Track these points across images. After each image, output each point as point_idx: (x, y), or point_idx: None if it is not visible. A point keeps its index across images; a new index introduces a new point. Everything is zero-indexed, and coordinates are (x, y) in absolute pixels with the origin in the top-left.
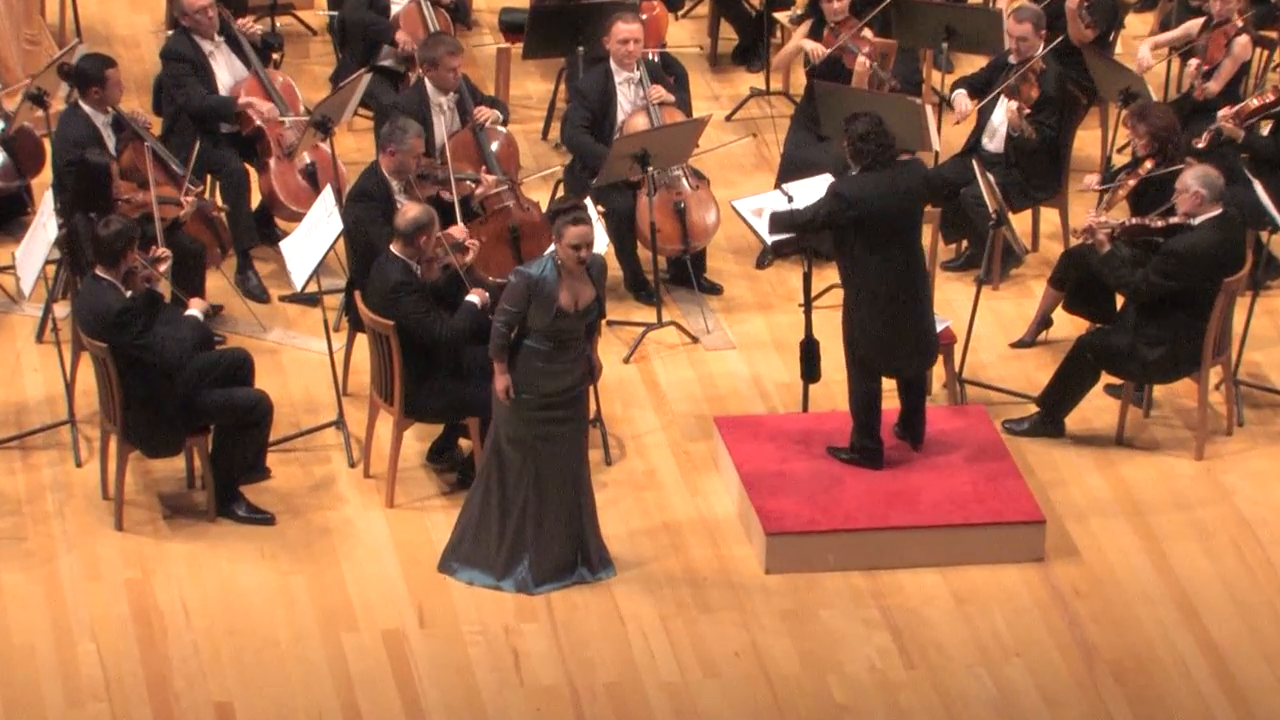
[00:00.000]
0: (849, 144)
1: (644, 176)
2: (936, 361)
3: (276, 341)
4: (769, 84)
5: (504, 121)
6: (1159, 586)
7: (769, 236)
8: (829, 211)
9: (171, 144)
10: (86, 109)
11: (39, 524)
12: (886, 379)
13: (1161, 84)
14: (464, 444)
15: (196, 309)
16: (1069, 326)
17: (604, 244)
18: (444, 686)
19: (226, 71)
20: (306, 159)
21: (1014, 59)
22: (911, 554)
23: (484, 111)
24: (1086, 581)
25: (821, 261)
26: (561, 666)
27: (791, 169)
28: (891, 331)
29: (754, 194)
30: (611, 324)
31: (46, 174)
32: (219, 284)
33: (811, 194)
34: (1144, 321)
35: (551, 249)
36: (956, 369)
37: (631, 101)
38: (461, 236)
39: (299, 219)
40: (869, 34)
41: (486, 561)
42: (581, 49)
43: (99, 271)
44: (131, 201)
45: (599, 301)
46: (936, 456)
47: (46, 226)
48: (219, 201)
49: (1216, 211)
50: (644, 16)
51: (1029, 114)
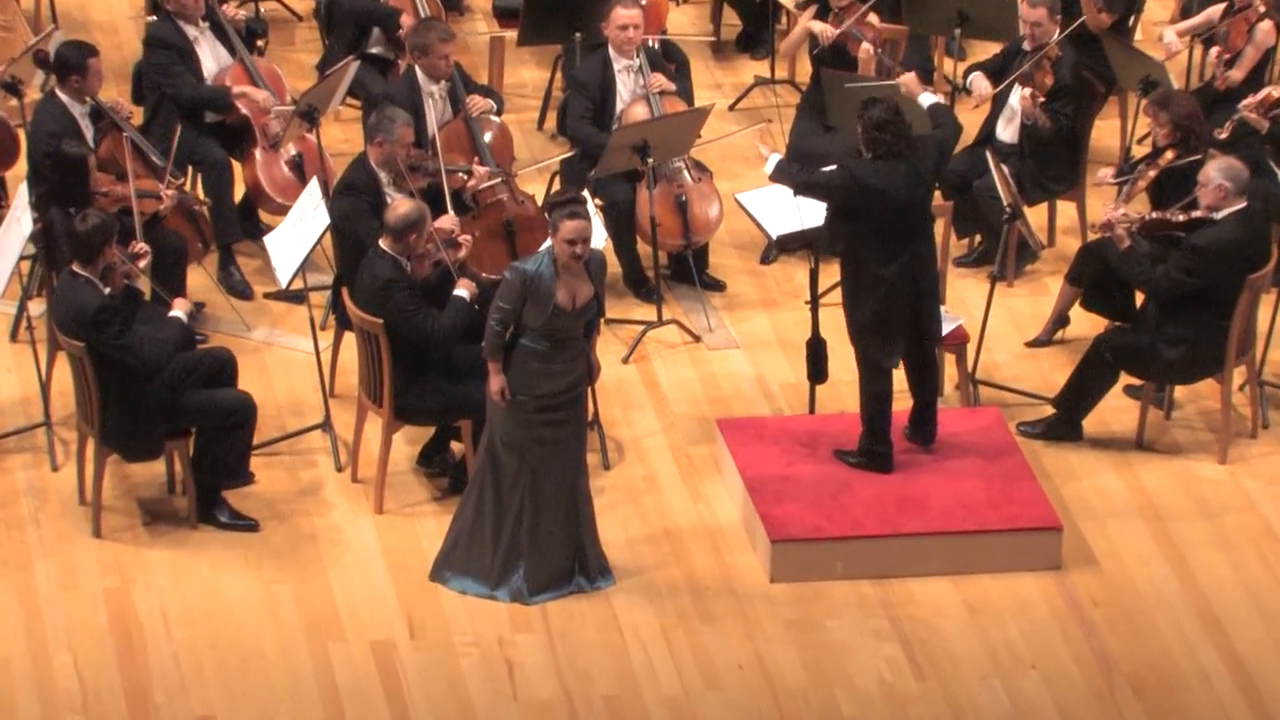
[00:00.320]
0: (863, 130)
1: (644, 168)
2: (939, 341)
3: (261, 340)
4: (774, 72)
5: (498, 111)
6: (1180, 596)
7: (772, 230)
8: (835, 187)
9: (153, 134)
10: (64, 98)
11: (13, 530)
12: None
13: (1182, 71)
14: (456, 447)
15: (180, 309)
16: (1086, 325)
17: (602, 239)
18: (435, 700)
19: (211, 59)
20: (292, 150)
21: (1028, 45)
22: (922, 562)
23: (477, 101)
24: (1104, 590)
25: (828, 257)
26: (558, 679)
27: (797, 159)
28: (890, 320)
29: (758, 187)
30: (610, 322)
31: (21, 166)
32: (201, 280)
33: (818, 207)
34: (1165, 320)
35: (548, 244)
36: (970, 369)
37: (631, 90)
38: (451, 225)
39: (284, 212)
40: (875, 20)
41: (480, 570)
42: (579, 35)
43: (76, 268)
44: (110, 194)
45: (597, 299)
46: (949, 460)
47: (21, 221)
48: (200, 194)
49: (1241, 205)
50: (644, 2)
51: (1043, 102)
